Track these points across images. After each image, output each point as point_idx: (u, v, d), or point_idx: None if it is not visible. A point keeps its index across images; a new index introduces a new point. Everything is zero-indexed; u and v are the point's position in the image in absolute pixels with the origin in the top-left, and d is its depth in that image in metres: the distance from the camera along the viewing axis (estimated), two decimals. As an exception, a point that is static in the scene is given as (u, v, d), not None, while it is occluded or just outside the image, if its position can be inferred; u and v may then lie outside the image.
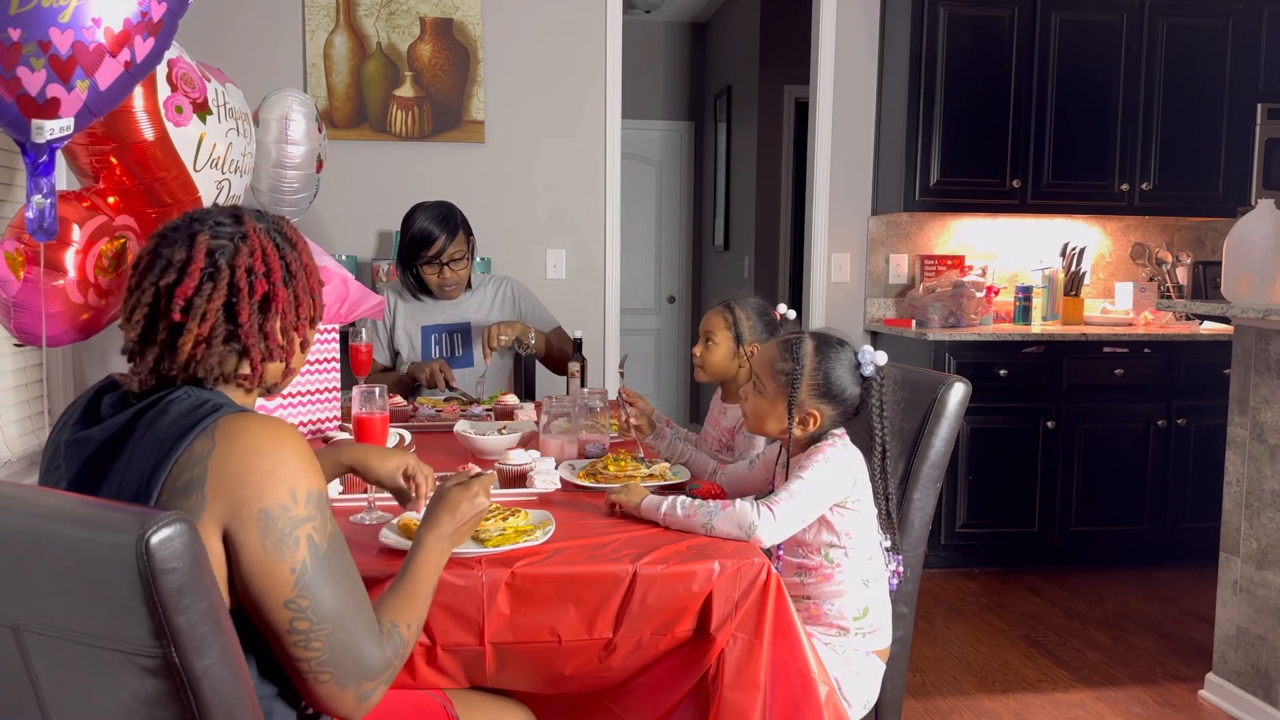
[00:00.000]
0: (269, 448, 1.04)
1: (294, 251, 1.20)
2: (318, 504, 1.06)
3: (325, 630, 1.05)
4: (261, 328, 1.14)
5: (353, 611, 1.08)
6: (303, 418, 2.31)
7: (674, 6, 6.21)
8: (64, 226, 2.08)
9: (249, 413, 1.08)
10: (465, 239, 2.91)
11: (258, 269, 1.14)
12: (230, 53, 3.52)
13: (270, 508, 1.02)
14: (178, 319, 1.11)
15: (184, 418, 1.05)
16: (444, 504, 1.31)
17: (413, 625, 1.19)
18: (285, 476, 1.03)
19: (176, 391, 1.09)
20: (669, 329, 6.74)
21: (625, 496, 1.64)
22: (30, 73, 1.70)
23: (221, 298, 1.11)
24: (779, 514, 1.54)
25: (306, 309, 1.20)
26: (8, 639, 0.96)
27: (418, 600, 1.22)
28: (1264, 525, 2.59)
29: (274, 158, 3.05)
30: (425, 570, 1.25)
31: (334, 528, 1.09)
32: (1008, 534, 3.80)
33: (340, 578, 1.08)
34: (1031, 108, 3.90)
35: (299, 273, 1.19)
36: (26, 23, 1.67)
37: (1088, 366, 3.77)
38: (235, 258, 1.13)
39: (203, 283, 1.11)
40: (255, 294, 1.13)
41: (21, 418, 2.72)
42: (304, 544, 1.04)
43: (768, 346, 1.76)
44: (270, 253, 1.15)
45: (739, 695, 1.39)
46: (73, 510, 0.94)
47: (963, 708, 2.71)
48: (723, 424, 2.26)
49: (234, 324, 1.13)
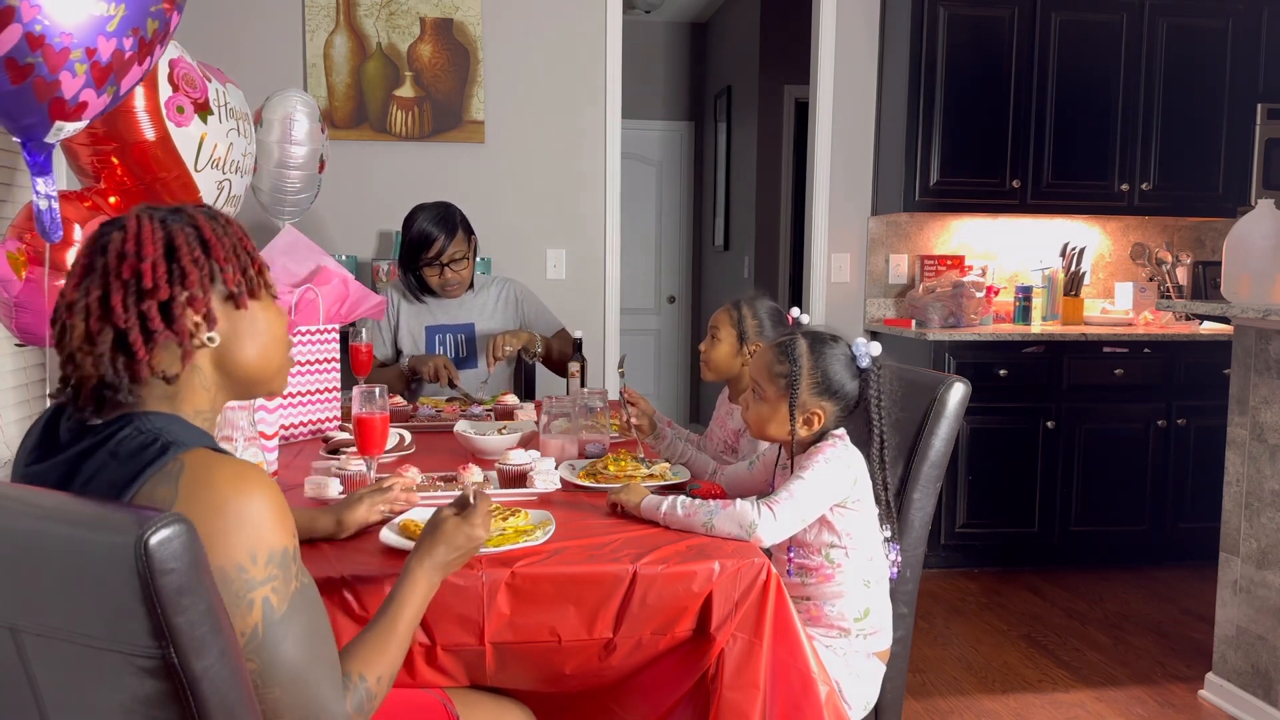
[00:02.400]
0: (234, 502, 0.98)
1: (188, 227, 1.10)
2: (280, 563, 1.01)
3: (280, 684, 1.01)
4: (137, 309, 1.05)
5: (310, 668, 1.03)
6: (303, 418, 2.31)
7: (674, 6, 6.21)
8: (66, 226, 2.08)
9: (215, 455, 1.02)
10: (466, 238, 2.90)
11: (129, 249, 1.06)
12: (230, 53, 3.52)
13: (226, 567, 0.97)
14: (65, 319, 1.07)
15: (132, 459, 1.00)
16: (439, 535, 1.26)
17: (383, 678, 1.13)
18: (246, 536, 0.98)
19: (125, 428, 1.03)
20: (669, 329, 6.74)
21: (625, 496, 1.64)
22: (72, 78, 1.74)
23: (98, 289, 1.05)
24: (779, 513, 1.54)
25: (200, 278, 1.08)
26: (6, 640, 0.96)
27: (393, 646, 1.16)
28: (1264, 525, 2.59)
29: (276, 158, 3.06)
30: (408, 607, 1.20)
31: (300, 582, 1.04)
32: (1008, 534, 3.80)
33: (299, 637, 1.02)
34: (1031, 108, 3.90)
35: (186, 245, 1.08)
36: (80, 28, 1.70)
37: (1088, 366, 3.77)
38: (109, 245, 1.07)
39: (82, 278, 1.07)
40: (124, 273, 1.05)
41: (21, 418, 2.72)
42: (258, 607, 0.99)
43: (762, 352, 1.75)
44: (146, 232, 1.08)
45: (739, 695, 1.39)
46: (72, 510, 0.94)
47: (963, 708, 2.71)
48: (729, 425, 2.26)
49: (108, 310, 1.05)
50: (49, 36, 1.66)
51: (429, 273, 2.89)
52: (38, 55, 1.66)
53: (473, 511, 1.29)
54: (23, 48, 1.64)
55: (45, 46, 1.67)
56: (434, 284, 2.91)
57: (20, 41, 1.64)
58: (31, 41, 1.65)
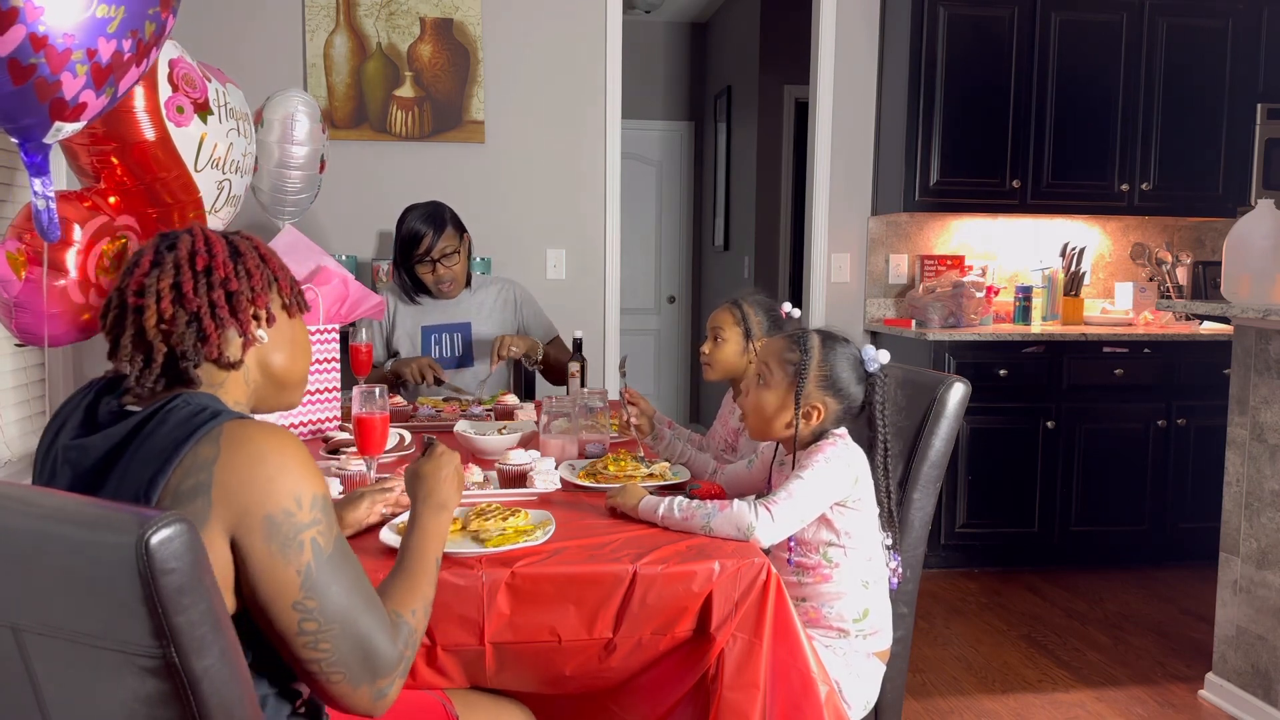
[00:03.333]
0: (273, 454, 1.05)
1: (246, 242, 1.23)
2: (321, 508, 1.08)
3: (333, 630, 1.06)
4: (209, 296, 1.16)
5: (360, 610, 1.09)
6: (303, 418, 2.31)
7: (674, 6, 6.21)
8: (65, 226, 2.08)
9: (251, 419, 1.10)
10: (456, 234, 2.91)
11: (199, 248, 1.18)
12: (230, 53, 3.52)
13: (274, 513, 1.03)
14: (134, 302, 1.15)
15: (183, 425, 1.07)
16: (419, 479, 1.33)
17: (418, 611, 1.19)
18: (289, 482, 1.05)
19: (175, 401, 1.11)
20: (669, 329, 6.74)
21: (623, 499, 1.64)
22: (73, 78, 1.76)
23: (169, 277, 1.15)
24: (777, 514, 1.54)
25: (262, 281, 1.21)
26: (8, 639, 0.96)
27: (421, 580, 1.22)
28: (1264, 525, 2.59)
29: (277, 158, 3.05)
30: (428, 543, 1.26)
31: (338, 530, 1.11)
32: (1008, 534, 3.80)
33: (346, 578, 1.09)
34: (1031, 107, 3.91)
35: (248, 252, 1.21)
36: (82, 30, 1.72)
37: (1088, 366, 3.77)
38: (179, 245, 1.18)
39: (151, 269, 1.16)
40: (197, 265, 1.16)
41: (21, 418, 2.72)
42: (308, 547, 1.05)
43: (773, 340, 1.77)
44: (213, 238, 1.20)
45: (739, 695, 1.39)
46: (73, 510, 0.94)
47: (963, 708, 2.71)
48: (731, 423, 2.27)
49: (181, 295, 1.15)
50: (52, 37, 1.67)
51: (422, 270, 2.89)
52: (40, 56, 1.67)
53: (433, 448, 1.39)
54: (26, 48, 1.65)
55: (48, 47, 1.68)
56: (428, 282, 2.91)
57: (24, 42, 1.64)
58: (35, 42, 1.66)
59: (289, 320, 1.26)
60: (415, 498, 1.32)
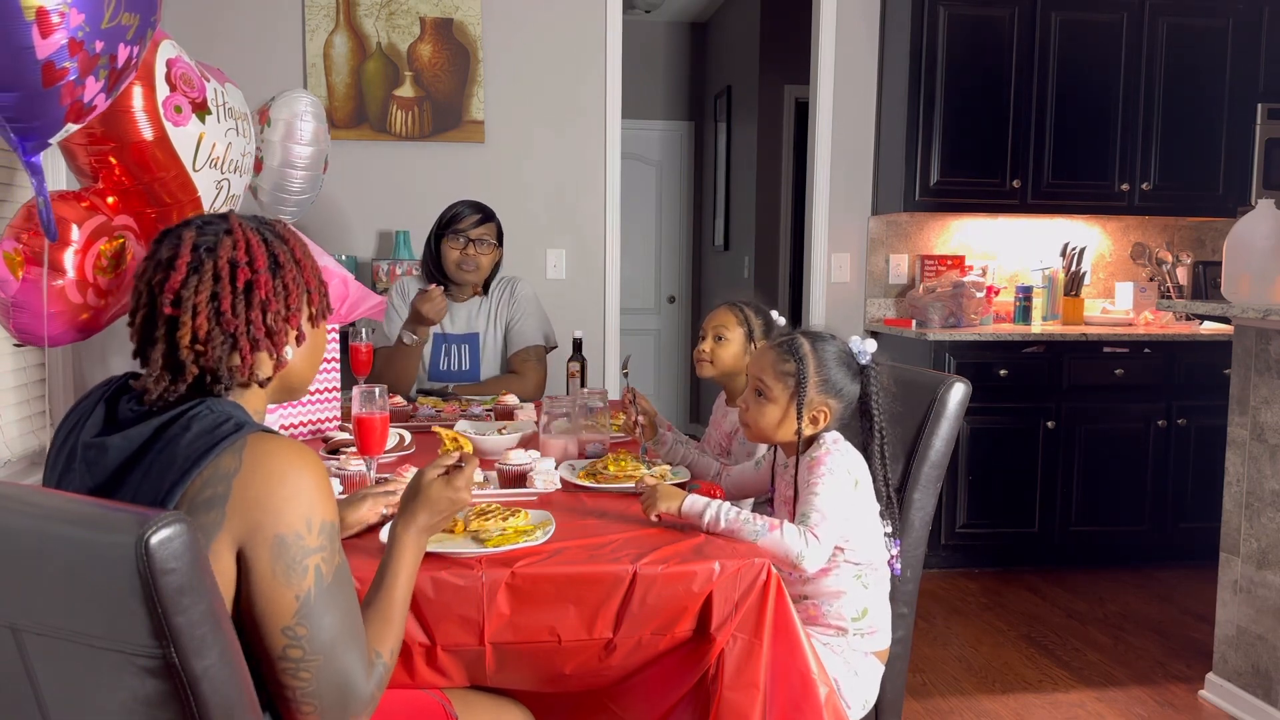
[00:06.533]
0: (292, 473, 1.05)
1: (283, 245, 1.20)
2: (329, 535, 1.07)
3: (316, 662, 1.06)
4: (246, 316, 1.14)
5: (346, 646, 1.08)
6: (303, 418, 2.31)
7: (674, 6, 6.21)
8: (63, 226, 2.08)
9: (275, 435, 1.09)
10: (495, 231, 2.93)
11: (240, 258, 1.14)
12: (230, 53, 3.52)
13: (285, 534, 1.03)
14: (169, 312, 1.12)
15: (207, 435, 1.06)
16: (422, 499, 1.29)
17: (394, 650, 1.18)
18: (303, 504, 1.05)
19: (199, 407, 1.10)
20: (669, 329, 6.74)
21: (665, 505, 1.58)
22: (95, 81, 1.79)
23: (208, 289, 1.12)
24: (823, 538, 1.54)
25: (298, 298, 1.19)
26: (8, 639, 0.96)
27: (395, 617, 1.20)
28: (1264, 525, 2.59)
29: (280, 157, 3.05)
30: (401, 576, 1.24)
31: (341, 559, 1.10)
32: (1008, 534, 3.80)
33: (339, 609, 1.08)
34: (1031, 108, 3.90)
35: (287, 264, 1.18)
36: (109, 37, 1.76)
37: (1088, 366, 3.77)
38: (218, 249, 1.14)
39: (189, 275, 1.13)
40: (238, 281, 1.14)
41: (21, 418, 2.72)
42: (311, 573, 1.05)
43: (762, 352, 1.74)
44: (255, 244, 1.16)
45: (739, 695, 1.39)
46: (73, 510, 0.94)
47: (963, 708, 2.71)
48: (723, 427, 2.26)
49: (219, 313, 1.13)
50: (87, 43, 1.71)
51: (451, 244, 2.85)
52: (74, 60, 1.71)
53: (458, 474, 1.32)
54: (63, 53, 1.69)
55: (83, 52, 1.71)
56: (453, 258, 2.86)
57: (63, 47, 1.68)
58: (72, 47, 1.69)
59: (313, 330, 1.25)
60: (407, 510, 1.28)
